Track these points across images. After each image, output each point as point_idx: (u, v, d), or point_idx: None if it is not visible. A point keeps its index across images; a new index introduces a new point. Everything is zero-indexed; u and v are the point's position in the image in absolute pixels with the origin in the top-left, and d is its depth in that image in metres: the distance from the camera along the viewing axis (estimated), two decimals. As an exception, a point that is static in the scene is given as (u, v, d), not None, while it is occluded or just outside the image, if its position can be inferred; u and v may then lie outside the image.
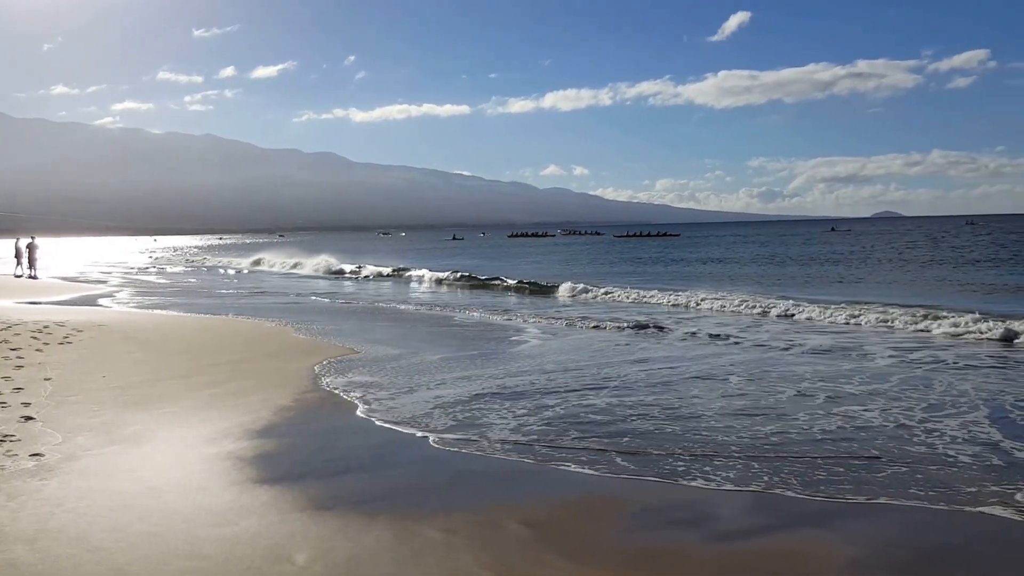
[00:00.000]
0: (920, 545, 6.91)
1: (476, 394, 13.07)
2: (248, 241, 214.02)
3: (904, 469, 8.83)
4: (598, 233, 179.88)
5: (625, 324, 22.27)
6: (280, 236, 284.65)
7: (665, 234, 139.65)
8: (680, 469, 8.95)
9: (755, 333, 20.41)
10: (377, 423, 11.27)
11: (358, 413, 11.84)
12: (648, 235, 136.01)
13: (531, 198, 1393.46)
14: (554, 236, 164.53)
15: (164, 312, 27.60)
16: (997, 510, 7.58)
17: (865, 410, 11.61)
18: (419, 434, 10.62)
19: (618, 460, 9.29)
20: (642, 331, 21.00)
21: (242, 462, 9.25)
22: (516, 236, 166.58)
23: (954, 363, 15.55)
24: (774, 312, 24.38)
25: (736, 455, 9.47)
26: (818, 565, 6.47)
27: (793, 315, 23.73)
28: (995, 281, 36.57)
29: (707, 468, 8.97)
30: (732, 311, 25.51)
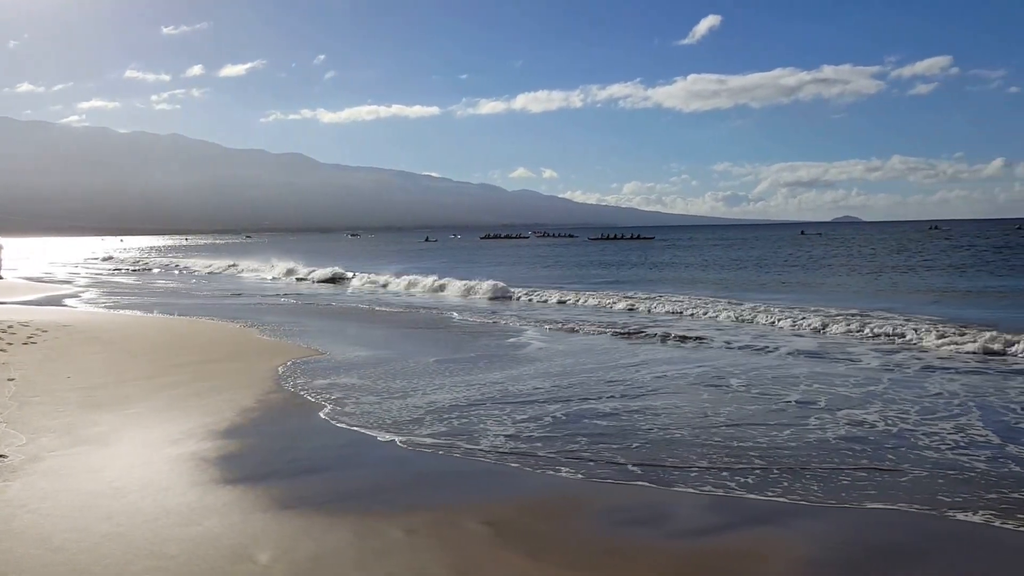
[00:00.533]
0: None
1: (442, 394, 13.16)
2: (214, 242, 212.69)
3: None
4: (571, 235, 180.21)
5: (549, 327, 22.42)
6: (247, 237, 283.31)
7: (639, 237, 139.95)
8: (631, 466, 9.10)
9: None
10: (340, 424, 11.32)
11: (321, 414, 11.89)
12: (622, 238, 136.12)
13: (500, 200, 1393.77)
14: (527, 238, 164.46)
15: (130, 313, 27.46)
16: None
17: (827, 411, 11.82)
18: (383, 435, 10.70)
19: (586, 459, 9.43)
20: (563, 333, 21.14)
21: (206, 462, 9.29)
22: (489, 238, 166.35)
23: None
24: (725, 315, 24.49)
25: (696, 460, 9.63)
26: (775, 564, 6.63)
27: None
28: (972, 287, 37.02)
29: (672, 475, 9.12)
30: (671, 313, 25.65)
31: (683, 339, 19.77)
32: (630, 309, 27.48)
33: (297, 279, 49.37)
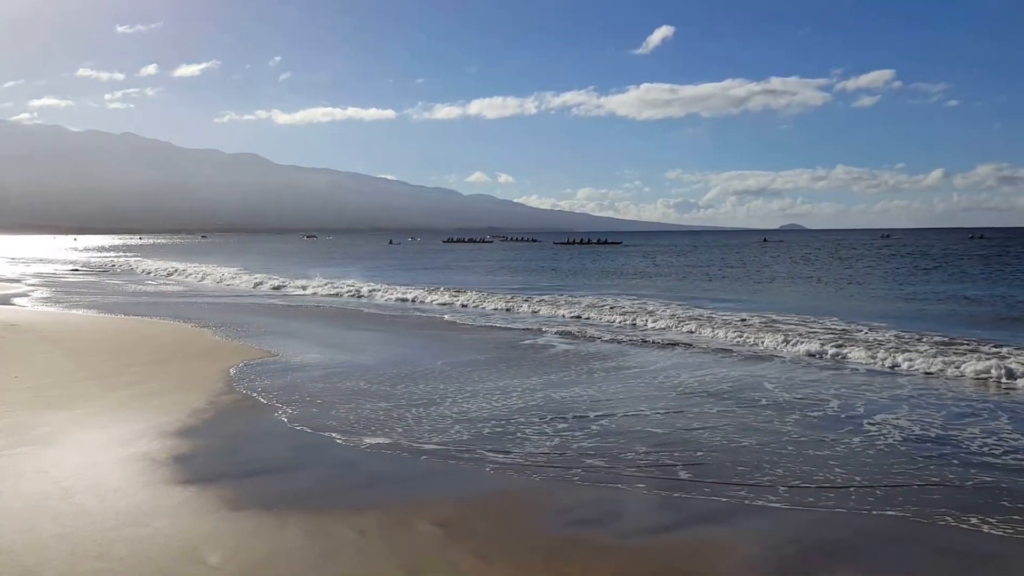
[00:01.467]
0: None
1: (394, 400, 13.19)
2: (170, 241, 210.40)
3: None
4: (534, 240, 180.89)
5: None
6: (203, 237, 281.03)
7: (607, 241, 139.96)
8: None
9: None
10: (291, 425, 11.31)
11: (273, 415, 11.87)
12: (590, 242, 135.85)
13: (455, 204, 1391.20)
14: (491, 243, 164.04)
15: (80, 312, 27.13)
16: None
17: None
18: (334, 436, 10.70)
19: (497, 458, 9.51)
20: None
21: (156, 463, 9.25)
22: (451, 242, 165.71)
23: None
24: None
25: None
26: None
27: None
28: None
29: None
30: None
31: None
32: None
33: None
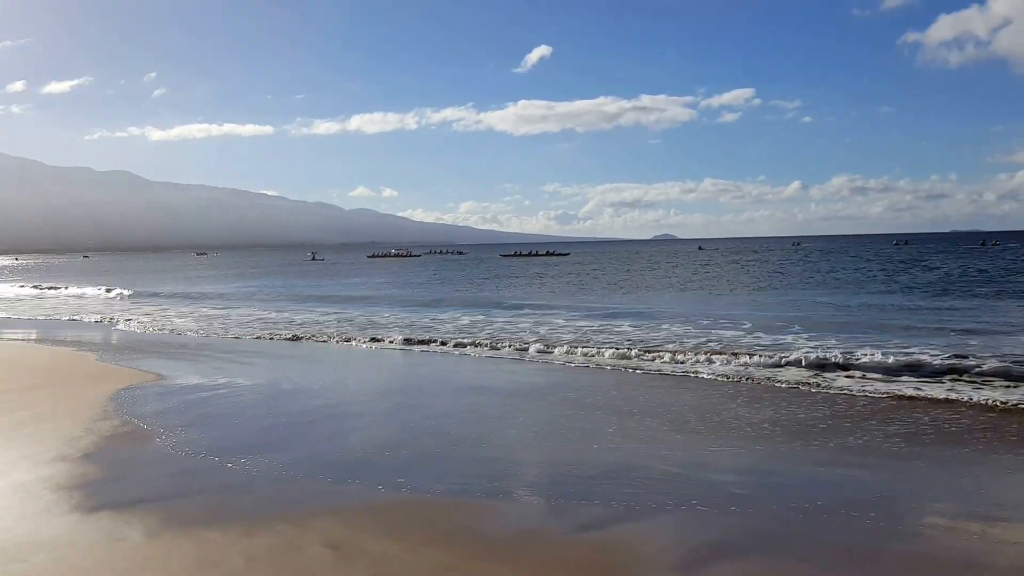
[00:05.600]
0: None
1: (278, 418, 13.05)
2: (49, 261, 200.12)
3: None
4: (460, 252, 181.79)
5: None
6: (84, 256, 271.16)
7: (553, 253, 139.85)
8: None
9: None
10: (174, 450, 11.07)
11: (156, 440, 11.59)
12: (536, 254, 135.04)
13: (336, 218, 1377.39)
14: (419, 256, 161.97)
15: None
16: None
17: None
18: (217, 459, 10.51)
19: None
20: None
21: (31, 496, 8.94)
22: (376, 256, 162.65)
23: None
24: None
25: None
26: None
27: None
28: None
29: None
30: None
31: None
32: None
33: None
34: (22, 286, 66.59)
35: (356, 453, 10.86)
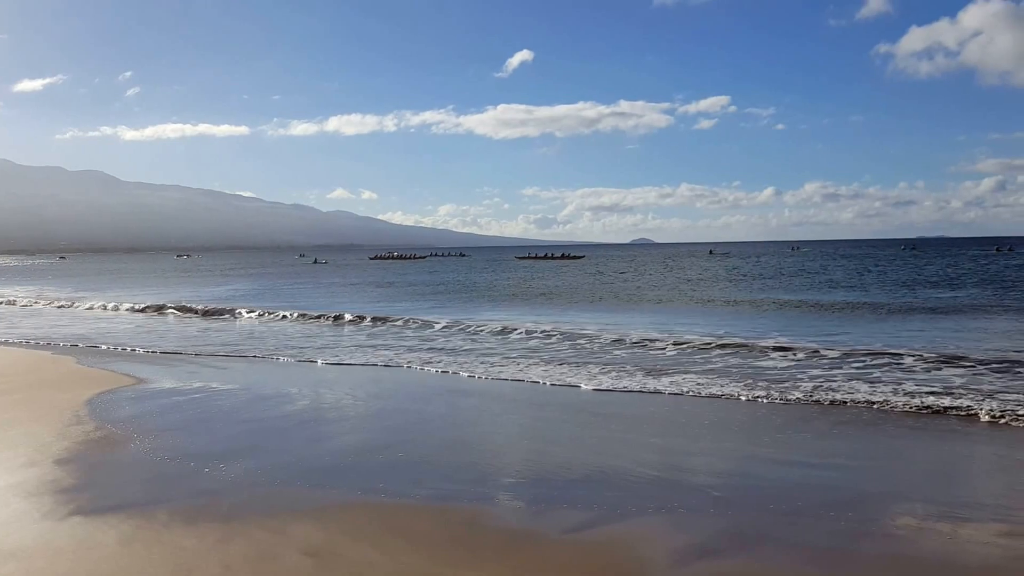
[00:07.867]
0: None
1: (255, 424, 12.95)
2: (22, 263, 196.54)
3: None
4: (463, 255, 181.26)
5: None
6: (61, 258, 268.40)
7: (568, 256, 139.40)
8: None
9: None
10: (150, 455, 10.93)
11: (130, 445, 11.44)
12: (551, 257, 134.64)
13: (313, 220, 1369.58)
14: (425, 258, 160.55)
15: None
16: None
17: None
18: (194, 464, 10.40)
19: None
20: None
21: (1, 503, 8.78)
22: (379, 258, 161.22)
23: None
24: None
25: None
26: None
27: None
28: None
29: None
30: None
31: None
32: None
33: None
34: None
35: (334, 459, 10.80)
